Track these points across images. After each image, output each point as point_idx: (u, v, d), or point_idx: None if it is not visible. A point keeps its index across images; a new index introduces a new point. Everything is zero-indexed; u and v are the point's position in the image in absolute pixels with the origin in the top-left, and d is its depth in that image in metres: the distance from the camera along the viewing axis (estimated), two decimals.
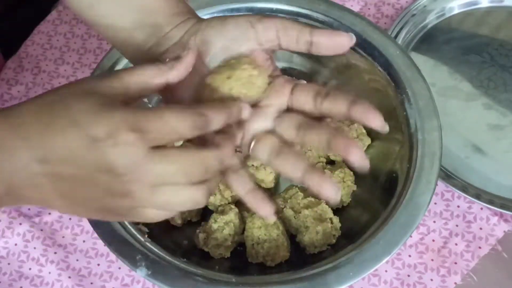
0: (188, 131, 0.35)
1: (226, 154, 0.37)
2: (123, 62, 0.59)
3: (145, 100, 0.62)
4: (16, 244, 0.61)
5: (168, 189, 0.35)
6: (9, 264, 0.60)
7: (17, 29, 0.77)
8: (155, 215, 0.37)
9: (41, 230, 0.61)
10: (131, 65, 0.60)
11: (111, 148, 0.33)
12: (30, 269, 0.60)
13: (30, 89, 0.70)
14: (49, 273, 0.60)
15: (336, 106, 0.40)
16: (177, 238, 0.58)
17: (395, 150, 0.57)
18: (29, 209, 0.63)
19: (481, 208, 0.62)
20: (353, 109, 0.39)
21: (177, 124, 0.34)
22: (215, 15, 0.60)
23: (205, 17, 0.58)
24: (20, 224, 0.61)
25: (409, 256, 0.60)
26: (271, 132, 0.42)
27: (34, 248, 0.61)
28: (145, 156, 0.34)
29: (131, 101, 0.37)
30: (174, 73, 0.38)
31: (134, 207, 0.36)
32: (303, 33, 0.41)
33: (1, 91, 0.70)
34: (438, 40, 0.73)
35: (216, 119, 0.37)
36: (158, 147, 0.34)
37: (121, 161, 0.33)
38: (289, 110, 0.42)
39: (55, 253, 0.61)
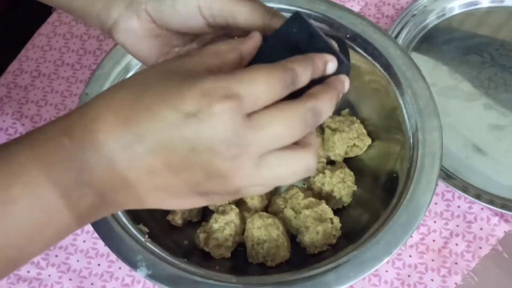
0: (281, 90, 0.31)
1: (325, 104, 0.33)
2: (124, 62, 0.59)
3: None
4: None
5: (277, 159, 0.32)
6: None
7: (17, 29, 0.77)
8: (260, 191, 0.33)
9: None
10: (131, 66, 0.60)
11: (207, 121, 0.29)
12: (28, 272, 0.60)
13: (30, 91, 0.70)
14: (49, 275, 0.60)
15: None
16: (178, 238, 0.58)
17: (396, 150, 0.57)
18: None
19: (482, 208, 0.62)
20: None
21: (271, 84, 0.31)
22: None
23: None
24: None
25: (410, 256, 0.60)
26: None
27: None
28: (245, 125, 0.30)
29: None
30: (245, 47, 0.35)
31: (239, 188, 0.32)
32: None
33: (1, 95, 0.70)
34: (438, 40, 0.73)
35: (304, 74, 0.33)
36: (252, 113, 0.31)
37: (221, 135, 0.29)
38: None
39: (56, 256, 0.61)
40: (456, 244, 0.61)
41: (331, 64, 0.35)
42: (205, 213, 0.60)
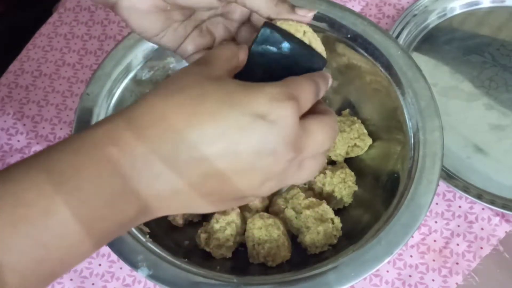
0: (314, 99, 0.34)
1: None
2: (125, 62, 0.59)
3: None
4: None
5: (313, 160, 0.34)
6: None
7: (17, 30, 0.77)
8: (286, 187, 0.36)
9: None
10: (132, 66, 0.60)
11: (275, 123, 0.30)
12: None
13: (31, 91, 0.71)
14: None
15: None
16: (179, 238, 0.58)
17: (397, 150, 0.57)
18: None
19: (483, 209, 0.62)
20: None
21: (313, 92, 0.34)
22: None
23: None
24: None
25: (411, 256, 0.60)
26: None
27: None
28: (299, 129, 0.32)
29: None
30: (242, 56, 0.37)
31: (277, 186, 0.33)
32: None
33: (1, 95, 0.71)
34: (439, 40, 0.73)
35: (323, 89, 0.36)
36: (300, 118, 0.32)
37: (285, 137, 0.31)
38: None
39: None
40: (457, 244, 0.61)
41: (331, 81, 0.39)
42: (206, 213, 0.60)
